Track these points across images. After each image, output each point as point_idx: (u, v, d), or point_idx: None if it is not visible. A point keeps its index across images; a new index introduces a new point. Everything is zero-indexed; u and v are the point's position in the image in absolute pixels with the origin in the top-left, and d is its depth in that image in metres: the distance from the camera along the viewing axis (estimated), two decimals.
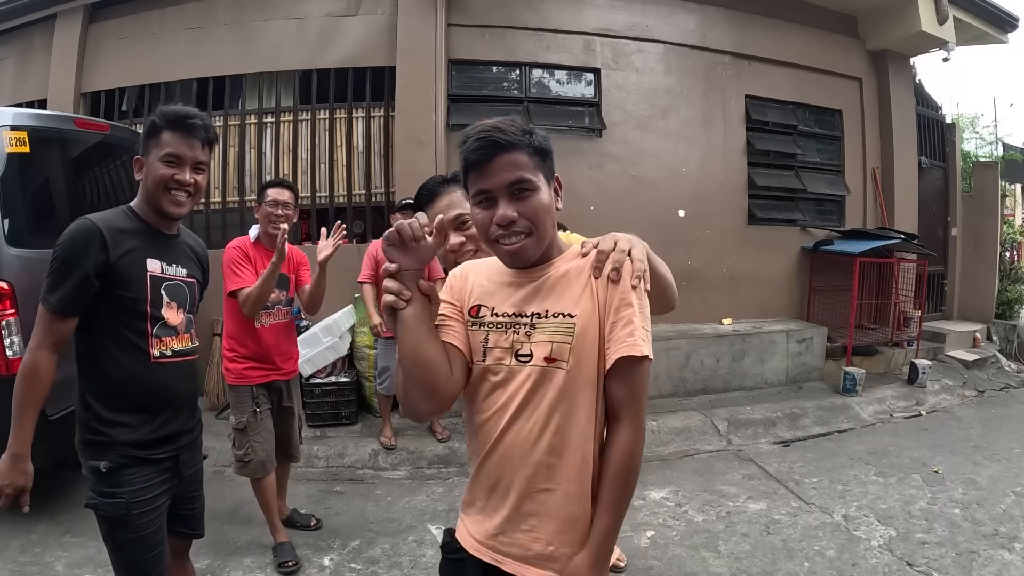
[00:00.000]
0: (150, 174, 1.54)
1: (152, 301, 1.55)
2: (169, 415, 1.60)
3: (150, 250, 1.57)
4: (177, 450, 1.63)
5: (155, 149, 1.53)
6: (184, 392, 1.66)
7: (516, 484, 1.10)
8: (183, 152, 1.53)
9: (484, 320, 1.14)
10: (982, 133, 9.46)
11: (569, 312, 1.08)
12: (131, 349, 1.53)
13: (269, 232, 2.66)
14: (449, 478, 3.57)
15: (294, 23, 4.90)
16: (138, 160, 1.57)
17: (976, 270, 6.99)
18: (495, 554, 1.12)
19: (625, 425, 1.07)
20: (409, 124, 4.67)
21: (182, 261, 1.67)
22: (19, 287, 2.71)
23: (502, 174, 1.05)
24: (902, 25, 5.72)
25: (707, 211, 5.34)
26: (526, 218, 1.06)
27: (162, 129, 1.52)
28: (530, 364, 1.08)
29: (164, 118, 1.53)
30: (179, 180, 1.54)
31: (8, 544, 2.73)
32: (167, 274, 1.60)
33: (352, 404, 4.20)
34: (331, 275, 4.51)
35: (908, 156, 6.26)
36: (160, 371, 1.57)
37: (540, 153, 1.09)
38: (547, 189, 1.10)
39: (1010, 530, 2.91)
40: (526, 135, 1.07)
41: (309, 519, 2.99)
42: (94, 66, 5.14)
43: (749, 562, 2.68)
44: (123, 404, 1.52)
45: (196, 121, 1.54)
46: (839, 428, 4.44)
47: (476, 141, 1.05)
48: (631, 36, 5.20)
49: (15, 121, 2.85)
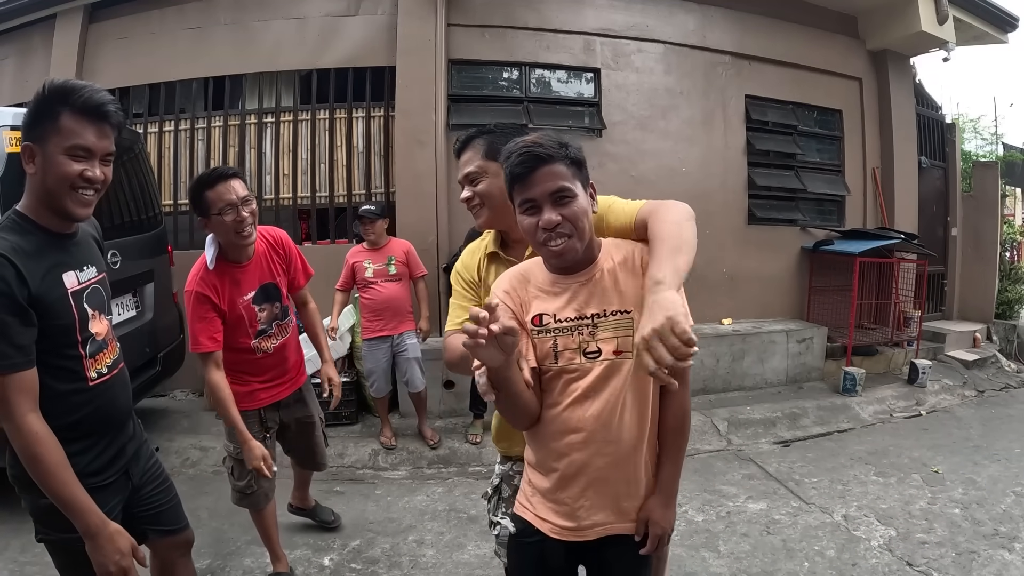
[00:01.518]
0: (50, 169, 1.25)
1: (79, 321, 1.35)
2: (113, 435, 1.47)
3: (60, 262, 1.33)
4: (125, 466, 1.50)
5: (55, 137, 1.24)
6: (123, 407, 1.52)
7: (595, 462, 1.24)
8: (93, 143, 1.26)
9: (549, 327, 1.25)
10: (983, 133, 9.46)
11: (625, 309, 1.22)
12: (68, 378, 1.34)
13: (239, 243, 2.10)
14: (449, 478, 3.57)
15: (294, 23, 4.90)
16: (28, 147, 1.26)
17: (976, 270, 6.99)
18: (579, 532, 1.28)
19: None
20: (409, 124, 4.67)
21: (89, 258, 1.44)
22: None
23: (545, 184, 1.16)
24: (902, 25, 5.72)
25: (707, 211, 5.32)
26: (569, 221, 1.17)
27: (63, 112, 1.23)
28: (599, 359, 1.23)
29: (71, 100, 1.23)
30: (89, 177, 1.27)
31: (8, 544, 2.73)
32: (83, 282, 1.39)
33: (352, 404, 4.20)
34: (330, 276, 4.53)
35: (908, 156, 6.26)
36: (100, 393, 1.41)
37: (576, 164, 1.20)
38: (584, 195, 1.20)
39: (1010, 530, 2.91)
40: (563, 148, 1.18)
41: (329, 514, 2.93)
42: (94, 66, 5.14)
43: (749, 562, 2.68)
44: (66, 435, 1.31)
45: (111, 106, 1.27)
46: (839, 428, 4.43)
47: (519, 156, 1.16)
48: (631, 36, 5.20)
49: (15, 121, 2.84)
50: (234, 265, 2.16)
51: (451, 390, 4.24)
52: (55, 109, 1.24)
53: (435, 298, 4.55)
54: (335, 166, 4.98)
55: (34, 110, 1.26)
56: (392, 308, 3.74)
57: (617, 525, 1.28)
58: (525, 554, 1.37)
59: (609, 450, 1.24)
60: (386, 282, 3.74)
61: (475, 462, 3.69)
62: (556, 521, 1.30)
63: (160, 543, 1.64)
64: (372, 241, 3.75)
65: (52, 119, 1.24)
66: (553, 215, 1.16)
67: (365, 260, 3.75)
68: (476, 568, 2.65)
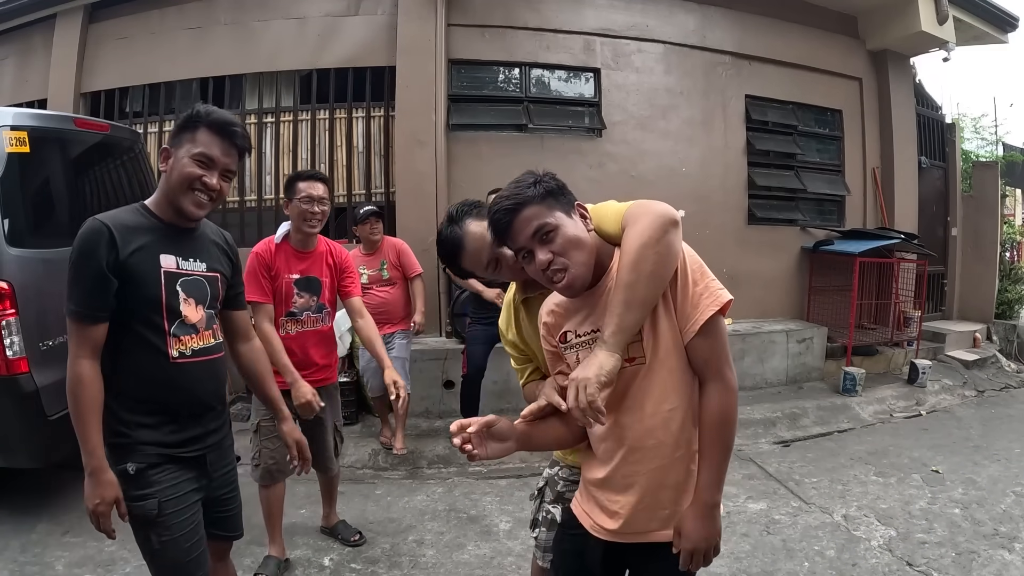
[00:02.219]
0: (177, 168, 1.46)
1: (168, 298, 1.48)
2: (192, 417, 1.55)
3: (164, 245, 1.49)
4: (203, 449, 1.57)
5: (188, 144, 1.46)
6: (206, 392, 1.59)
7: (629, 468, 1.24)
8: (216, 156, 1.47)
9: (572, 343, 1.30)
10: (983, 133, 9.46)
11: None
12: (149, 349, 1.47)
13: (304, 230, 2.44)
14: (449, 478, 3.57)
15: (294, 23, 4.90)
16: (166, 151, 1.49)
17: (976, 270, 6.99)
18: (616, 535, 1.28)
19: (710, 384, 1.20)
20: (409, 124, 4.67)
21: (202, 255, 1.58)
22: (19, 287, 2.70)
23: (524, 230, 1.18)
24: (902, 25, 5.72)
25: (707, 211, 5.33)
26: (559, 255, 1.17)
27: (201, 126, 1.46)
28: None
29: (207, 118, 1.47)
30: (206, 183, 1.47)
31: (8, 544, 2.73)
32: (184, 269, 1.52)
33: (352, 404, 4.20)
34: None
35: (908, 156, 6.27)
36: (180, 371, 1.51)
37: (550, 195, 1.19)
38: (571, 221, 1.20)
39: (1010, 530, 2.91)
40: (530, 187, 1.18)
41: (352, 533, 2.83)
42: (94, 66, 5.15)
43: (749, 562, 2.68)
44: (143, 406, 1.48)
45: (238, 129, 1.51)
46: (839, 428, 4.43)
47: (492, 217, 1.21)
48: (631, 36, 5.20)
49: (15, 121, 2.85)
50: (294, 249, 2.49)
51: (451, 390, 4.24)
52: (196, 122, 1.46)
53: (434, 297, 4.56)
54: (335, 166, 4.98)
55: (180, 124, 1.51)
56: (385, 312, 3.70)
57: (659, 533, 1.25)
58: (566, 545, 1.41)
59: (637, 456, 1.23)
60: (380, 287, 3.73)
61: (475, 462, 3.68)
62: (597, 519, 1.31)
63: (211, 544, 1.66)
64: (371, 242, 3.72)
65: (191, 131, 1.47)
66: (543, 255, 1.17)
67: (360, 266, 3.68)
68: (476, 568, 2.65)
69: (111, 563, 2.60)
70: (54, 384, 2.81)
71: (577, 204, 1.23)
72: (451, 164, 4.71)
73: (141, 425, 1.47)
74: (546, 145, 4.90)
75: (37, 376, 2.73)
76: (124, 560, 2.61)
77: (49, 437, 2.79)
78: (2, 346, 2.65)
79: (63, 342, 2.89)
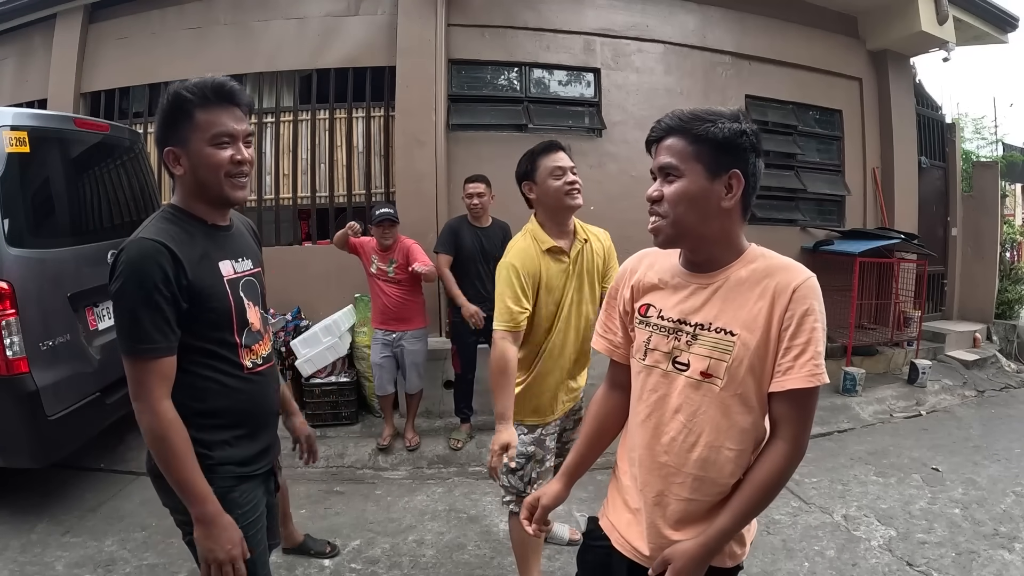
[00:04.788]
0: (201, 163, 1.28)
1: (236, 308, 1.36)
2: (262, 429, 1.45)
3: (217, 250, 1.36)
4: (269, 463, 1.49)
5: (195, 133, 1.27)
6: (272, 403, 1.50)
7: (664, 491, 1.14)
8: (232, 127, 1.29)
9: (651, 321, 1.17)
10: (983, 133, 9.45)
11: (731, 329, 1.08)
12: (225, 366, 1.35)
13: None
14: (449, 478, 3.57)
15: (294, 23, 4.90)
16: (171, 152, 1.30)
17: (976, 270, 6.99)
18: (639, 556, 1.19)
19: (781, 442, 1.08)
20: (409, 124, 4.67)
21: (247, 252, 1.46)
22: (19, 287, 2.70)
23: (658, 156, 1.13)
24: (902, 25, 5.72)
25: None
26: (666, 202, 1.11)
27: (197, 107, 1.27)
28: (686, 374, 1.11)
29: (198, 93, 1.27)
30: (239, 160, 1.30)
31: (8, 544, 2.72)
32: (239, 272, 1.40)
33: (352, 404, 4.20)
34: (330, 276, 4.53)
35: (908, 156, 6.26)
36: (254, 383, 1.40)
37: (715, 145, 1.08)
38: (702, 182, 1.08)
39: (1010, 530, 2.91)
40: (709, 123, 1.08)
41: (324, 545, 2.74)
42: (94, 66, 5.14)
43: (749, 562, 2.66)
44: (222, 422, 1.35)
45: (235, 88, 1.31)
46: (839, 428, 4.43)
47: (657, 122, 1.13)
48: (631, 36, 5.19)
49: (15, 121, 2.84)
50: None
51: (451, 390, 4.24)
52: (187, 106, 1.27)
53: (434, 297, 4.56)
54: (335, 166, 4.98)
55: (165, 118, 1.29)
56: (392, 312, 3.73)
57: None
58: (588, 557, 1.32)
59: (686, 485, 1.12)
60: (386, 283, 3.73)
61: (475, 462, 3.69)
62: (624, 532, 1.21)
63: None
64: (382, 244, 3.70)
65: (186, 118, 1.27)
66: (653, 191, 1.11)
67: (373, 255, 3.73)
68: (476, 568, 2.65)
69: (111, 563, 2.60)
70: (54, 384, 2.82)
71: (734, 173, 1.06)
72: (451, 164, 4.71)
73: (221, 443, 1.34)
74: None
75: (37, 376, 2.73)
76: (124, 560, 2.61)
77: (49, 437, 2.79)
78: (2, 346, 2.64)
79: (63, 342, 2.91)
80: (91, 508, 3.02)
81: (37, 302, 2.80)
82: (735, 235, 1.12)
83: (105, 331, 3.24)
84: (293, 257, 4.82)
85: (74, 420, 2.91)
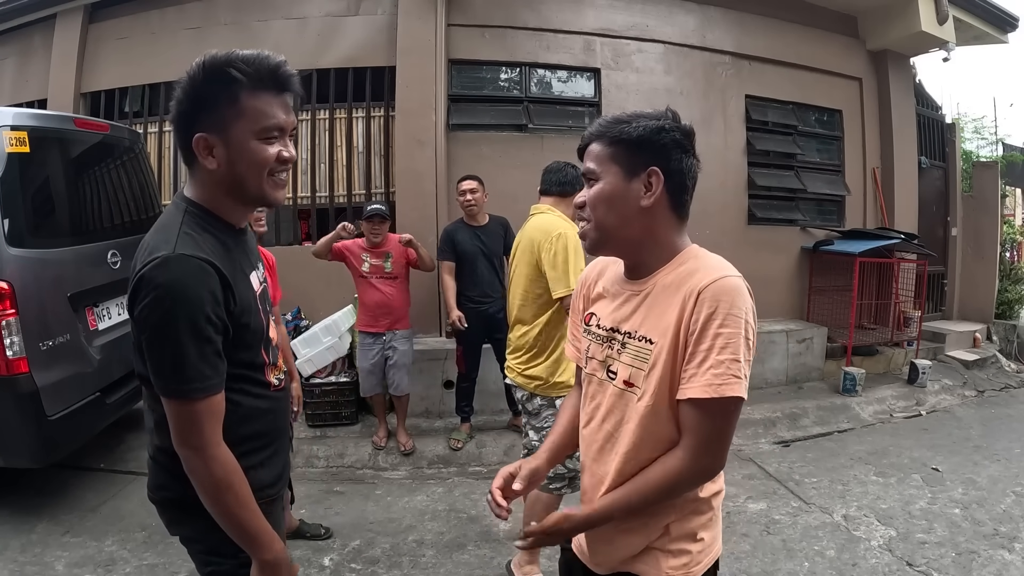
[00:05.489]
0: (244, 157, 1.06)
1: (264, 323, 1.20)
2: (283, 444, 1.33)
3: (245, 261, 1.19)
4: (287, 479, 1.39)
5: (240, 122, 1.04)
6: (288, 416, 1.39)
7: (595, 497, 1.13)
8: (283, 120, 1.07)
9: (591, 329, 1.18)
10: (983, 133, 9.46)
11: (650, 337, 1.05)
12: (256, 388, 1.19)
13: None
14: (449, 478, 3.57)
15: (294, 23, 4.90)
16: (203, 140, 1.05)
17: (976, 270, 6.99)
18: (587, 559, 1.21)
19: (680, 452, 1.03)
20: (409, 124, 4.67)
21: (257, 257, 1.30)
22: (19, 287, 2.70)
23: (584, 162, 1.15)
24: (902, 25, 5.72)
25: (707, 211, 5.31)
26: (588, 206, 1.11)
27: (246, 90, 1.03)
28: (614, 383, 1.11)
29: (252, 74, 1.03)
30: (285, 158, 1.09)
31: (8, 544, 2.73)
32: (260, 283, 1.24)
33: (352, 404, 4.20)
34: (330, 276, 4.52)
35: (908, 156, 6.26)
36: (278, 400, 1.27)
37: (631, 145, 1.08)
38: (618, 181, 1.09)
39: (1010, 530, 2.91)
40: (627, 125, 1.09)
41: (318, 528, 2.89)
42: (94, 66, 5.14)
43: (749, 562, 2.68)
44: (254, 446, 1.19)
45: (292, 71, 1.09)
46: (839, 428, 4.44)
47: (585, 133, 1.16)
48: (631, 36, 5.19)
49: (15, 121, 2.85)
50: None
51: (451, 390, 4.24)
52: (235, 86, 1.03)
53: (433, 297, 4.56)
54: (335, 166, 4.98)
55: (199, 97, 1.04)
56: (385, 309, 3.69)
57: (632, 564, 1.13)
58: (561, 559, 1.34)
59: (603, 487, 1.12)
60: (381, 280, 3.69)
61: (475, 462, 3.69)
62: (579, 538, 1.23)
63: None
64: (371, 241, 3.70)
65: (231, 102, 1.03)
66: (579, 196, 1.13)
67: (363, 254, 3.68)
68: (476, 568, 2.65)
69: (111, 563, 2.60)
70: (54, 384, 2.82)
71: (652, 171, 1.05)
72: (451, 164, 4.71)
73: (256, 466, 1.18)
74: (546, 145, 4.89)
75: (37, 376, 2.73)
76: (124, 560, 2.62)
77: (49, 437, 2.79)
78: (2, 346, 2.64)
79: (63, 342, 2.91)
80: (91, 508, 3.03)
81: (37, 302, 2.80)
82: (664, 237, 1.09)
83: (105, 331, 3.23)
84: (293, 257, 4.81)
85: (74, 420, 2.91)
